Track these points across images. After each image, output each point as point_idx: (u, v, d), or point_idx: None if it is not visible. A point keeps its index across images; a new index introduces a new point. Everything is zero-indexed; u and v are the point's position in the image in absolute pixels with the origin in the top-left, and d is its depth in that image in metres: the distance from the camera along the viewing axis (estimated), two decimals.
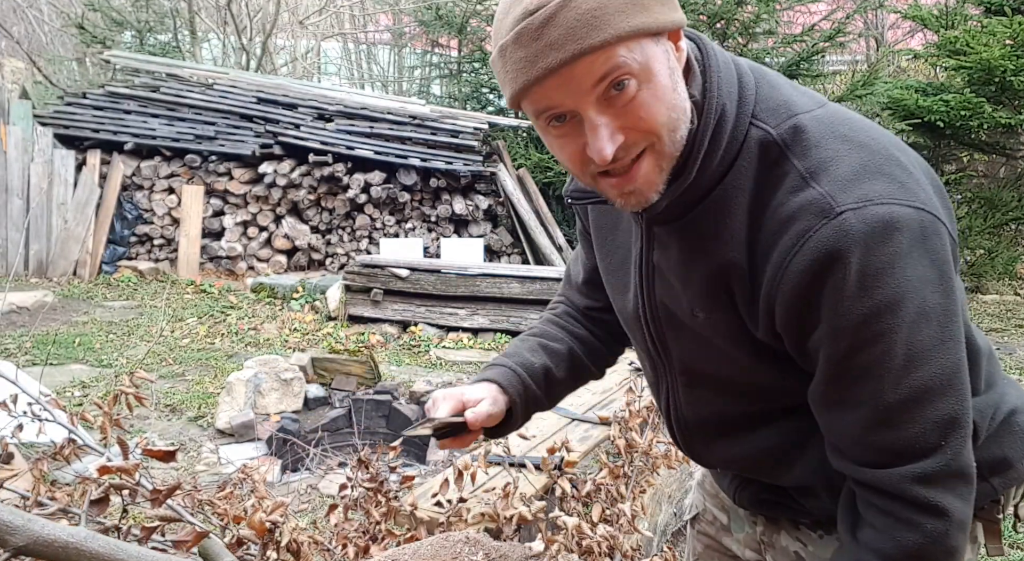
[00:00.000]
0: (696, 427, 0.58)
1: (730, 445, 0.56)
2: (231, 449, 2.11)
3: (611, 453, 1.31)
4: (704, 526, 0.69)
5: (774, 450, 0.54)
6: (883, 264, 0.42)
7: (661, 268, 0.52)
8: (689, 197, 0.47)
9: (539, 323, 0.69)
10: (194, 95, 4.72)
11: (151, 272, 4.50)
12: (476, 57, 5.89)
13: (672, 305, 0.53)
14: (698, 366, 0.54)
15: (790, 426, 0.53)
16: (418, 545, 0.73)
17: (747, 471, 0.58)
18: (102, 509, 0.84)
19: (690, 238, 0.49)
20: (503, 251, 4.94)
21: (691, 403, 0.57)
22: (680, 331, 0.53)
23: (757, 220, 0.46)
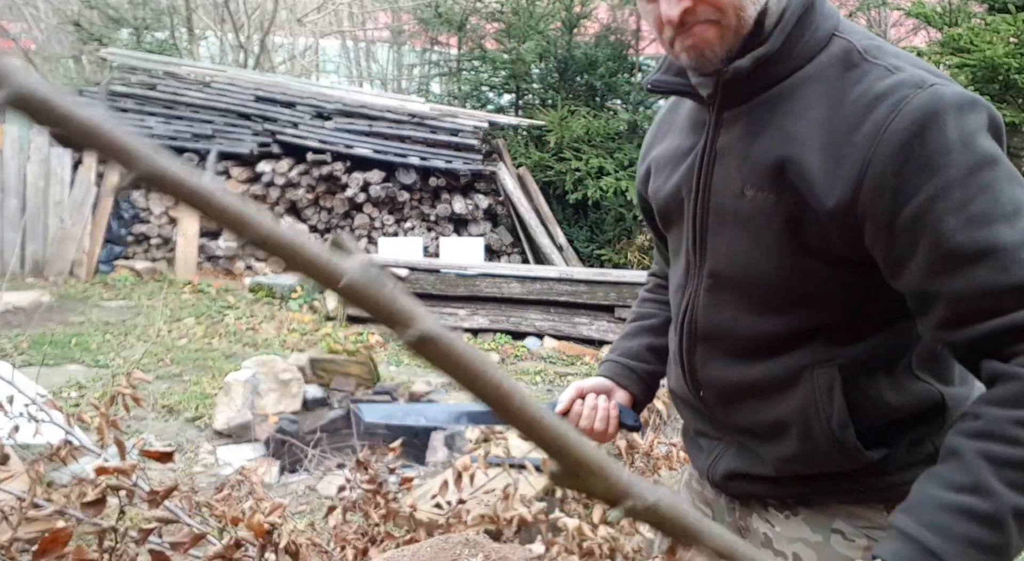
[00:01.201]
0: (704, 338, 0.58)
1: (730, 364, 0.57)
2: (229, 450, 2.10)
3: (612, 454, 1.31)
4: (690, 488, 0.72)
5: (771, 378, 0.55)
6: (976, 127, 0.47)
7: (723, 152, 0.55)
8: (771, 72, 0.51)
9: (636, 305, 0.77)
10: (191, 93, 4.69)
11: (148, 272, 4.48)
12: (476, 55, 5.87)
13: (723, 190, 0.55)
14: (729, 264, 0.55)
15: (795, 354, 0.54)
16: (417, 547, 0.72)
17: (734, 398, 0.58)
18: (99, 510, 0.83)
19: (761, 115, 0.52)
20: (503, 251, 4.93)
21: (708, 308, 0.57)
22: (723, 221, 0.55)
23: (837, 107, 0.49)
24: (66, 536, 0.78)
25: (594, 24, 6.03)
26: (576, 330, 3.48)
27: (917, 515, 0.47)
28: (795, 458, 0.56)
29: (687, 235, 0.58)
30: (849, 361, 0.53)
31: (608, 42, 5.77)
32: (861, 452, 0.54)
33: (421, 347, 0.27)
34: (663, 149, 0.62)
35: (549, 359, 3.31)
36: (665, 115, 0.66)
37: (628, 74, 5.68)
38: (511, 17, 5.56)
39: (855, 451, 0.54)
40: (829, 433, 0.53)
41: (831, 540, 0.57)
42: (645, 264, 5.03)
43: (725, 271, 0.56)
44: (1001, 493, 0.44)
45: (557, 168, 5.05)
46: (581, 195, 4.93)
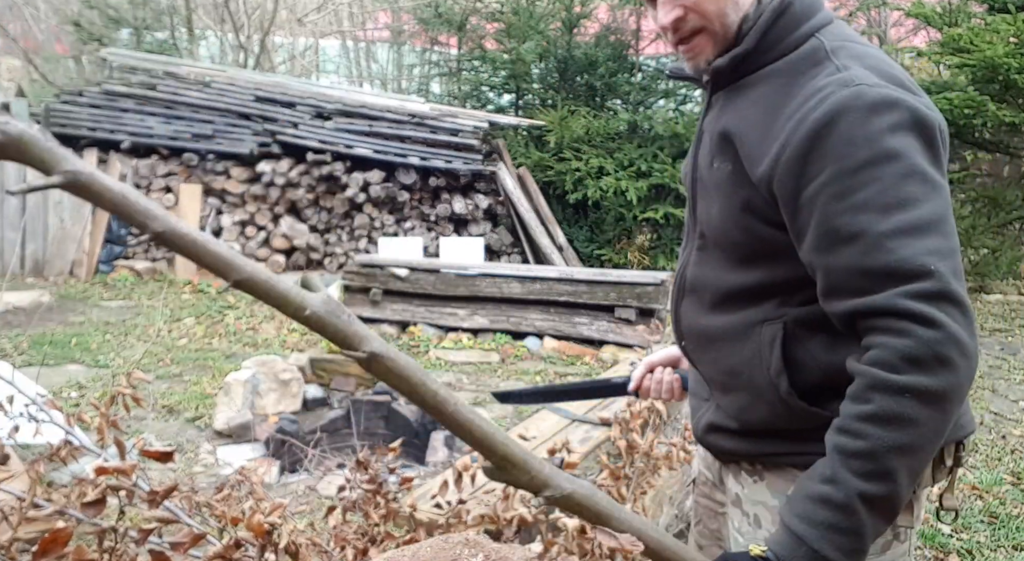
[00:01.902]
0: (689, 290, 0.67)
1: (702, 314, 0.65)
2: (229, 450, 2.10)
3: (612, 454, 1.31)
4: (701, 487, 0.77)
5: (729, 329, 0.62)
6: (888, 126, 0.52)
7: (705, 130, 0.65)
8: (745, 66, 0.60)
9: None
10: (191, 93, 4.69)
11: (148, 272, 4.48)
12: (476, 55, 5.87)
13: (703, 163, 0.65)
14: (709, 226, 0.64)
15: (751, 310, 0.61)
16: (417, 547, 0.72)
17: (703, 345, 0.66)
18: (99, 510, 0.83)
19: (730, 99, 0.62)
20: (503, 251, 4.93)
21: (696, 265, 0.66)
22: (705, 189, 0.64)
23: (787, 97, 0.57)
24: (66, 536, 0.78)
25: (594, 24, 6.03)
26: (576, 330, 3.48)
27: (791, 505, 0.54)
28: (747, 408, 0.62)
29: (689, 199, 0.69)
30: (793, 319, 0.60)
31: (608, 42, 5.77)
32: (795, 400, 0.59)
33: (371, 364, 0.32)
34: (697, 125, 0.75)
35: (549, 359, 3.31)
36: None
37: (628, 74, 5.68)
38: (511, 17, 5.55)
39: (791, 401, 0.59)
40: (768, 381, 0.60)
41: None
42: (645, 264, 5.03)
43: (708, 233, 0.64)
44: (848, 481, 0.51)
45: (557, 168, 5.05)
46: (581, 195, 4.93)
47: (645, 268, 4.90)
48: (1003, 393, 2.81)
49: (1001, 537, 1.64)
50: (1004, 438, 2.32)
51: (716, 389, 0.66)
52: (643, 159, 5.00)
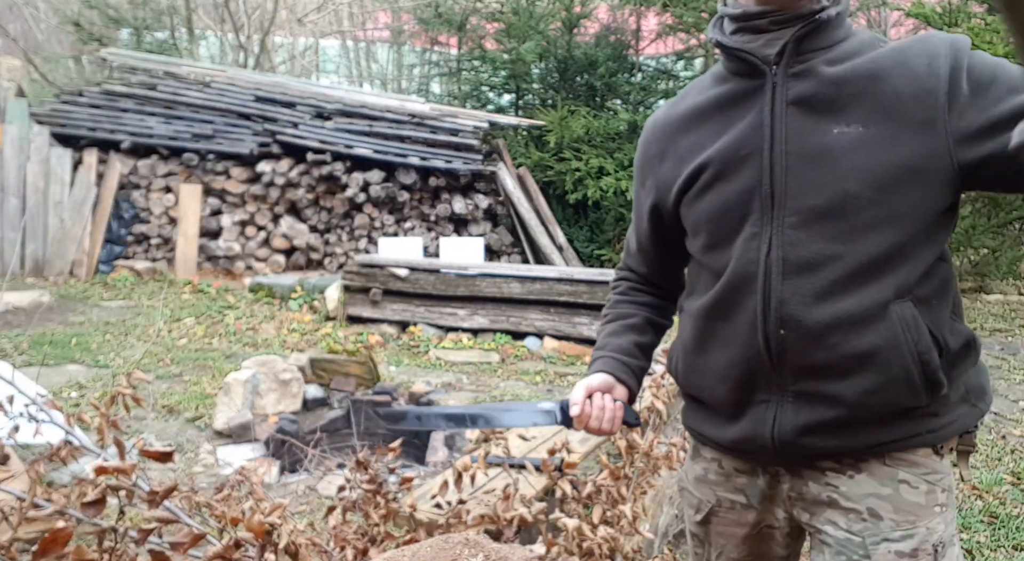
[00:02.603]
0: (794, 273, 0.61)
1: (821, 299, 0.60)
2: (229, 450, 2.10)
3: (612, 454, 1.31)
4: (724, 515, 0.71)
5: (861, 311, 0.60)
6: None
7: (801, 101, 0.62)
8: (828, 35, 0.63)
9: (610, 307, 0.80)
10: (191, 93, 4.69)
11: (148, 272, 4.48)
12: (476, 55, 5.87)
13: (810, 133, 0.61)
14: (821, 197, 0.60)
15: (878, 287, 0.60)
16: (417, 547, 0.72)
17: (823, 334, 0.61)
18: (99, 510, 0.83)
19: (836, 67, 0.62)
20: (503, 251, 4.93)
21: (796, 245, 0.61)
22: (813, 160, 0.61)
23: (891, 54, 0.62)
24: (66, 536, 0.78)
25: (594, 24, 6.03)
26: (576, 330, 3.48)
27: None
28: (874, 390, 0.60)
29: (764, 183, 0.63)
30: (918, 298, 0.60)
31: (608, 42, 5.77)
32: (939, 375, 0.59)
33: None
34: (690, 141, 0.68)
35: (549, 359, 3.31)
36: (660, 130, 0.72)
37: (628, 74, 5.68)
38: (511, 17, 5.55)
39: (936, 377, 0.59)
40: (914, 359, 0.59)
41: (900, 490, 0.62)
42: None
43: (818, 204, 0.60)
44: None
45: (557, 168, 5.05)
46: (581, 195, 4.93)
47: None
48: (1003, 393, 2.82)
49: (1001, 537, 1.64)
50: (1004, 438, 2.32)
51: (819, 380, 0.61)
52: None
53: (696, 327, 0.68)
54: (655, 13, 5.37)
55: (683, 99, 0.70)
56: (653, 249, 0.75)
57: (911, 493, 0.62)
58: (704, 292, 0.67)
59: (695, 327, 0.68)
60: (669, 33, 5.36)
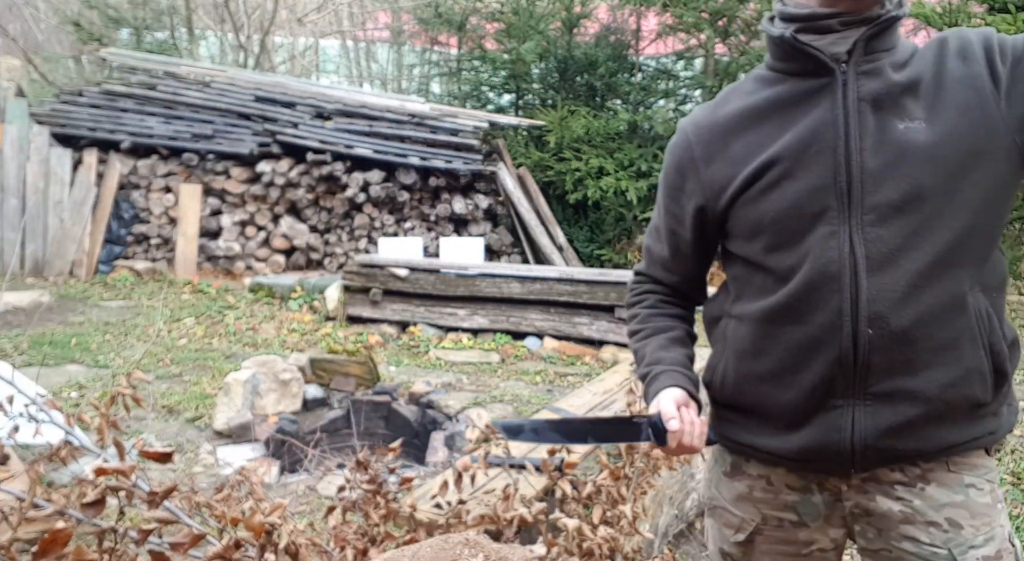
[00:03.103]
0: (878, 270, 0.60)
1: (907, 294, 0.60)
2: (229, 450, 2.10)
3: (612, 454, 1.31)
4: (770, 533, 0.69)
5: (942, 303, 0.60)
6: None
7: (875, 97, 0.62)
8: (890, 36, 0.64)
9: (643, 321, 0.77)
10: (191, 93, 4.69)
11: (148, 272, 4.48)
12: (476, 55, 5.87)
13: (888, 128, 0.62)
14: (901, 191, 0.60)
15: (955, 279, 0.60)
16: (417, 547, 0.72)
17: (907, 328, 0.60)
18: (98, 511, 0.83)
19: (903, 66, 0.63)
20: (503, 251, 4.93)
21: (878, 242, 0.61)
22: (893, 155, 0.61)
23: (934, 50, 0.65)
24: (66, 537, 0.78)
25: (594, 24, 6.02)
26: (576, 330, 3.48)
27: None
28: (951, 384, 0.60)
29: (839, 180, 0.62)
30: (985, 288, 0.62)
31: (608, 42, 5.77)
32: (1006, 365, 0.61)
33: None
34: (746, 142, 0.66)
35: (549, 359, 3.31)
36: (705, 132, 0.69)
37: (628, 74, 5.68)
38: (511, 17, 5.55)
39: (1004, 366, 0.61)
40: (987, 351, 0.60)
41: (970, 495, 0.63)
42: None
43: (894, 199, 0.60)
44: None
45: (557, 168, 5.05)
46: (581, 195, 4.93)
47: None
48: None
49: None
50: (1004, 438, 2.32)
51: (902, 376, 0.60)
52: (643, 159, 5.00)
53: (754, 332, 0.65)
54: (655, 13, 5.37)
55: (726, 102, 0.69)
56: (693, 256, 0.72)
57: (979, 495, 0.63)
58: (762, 295, 0.64)
59: (753, 332, 0.65)
60: (669, 33, 5.36)
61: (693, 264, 0.74)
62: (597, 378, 1.78)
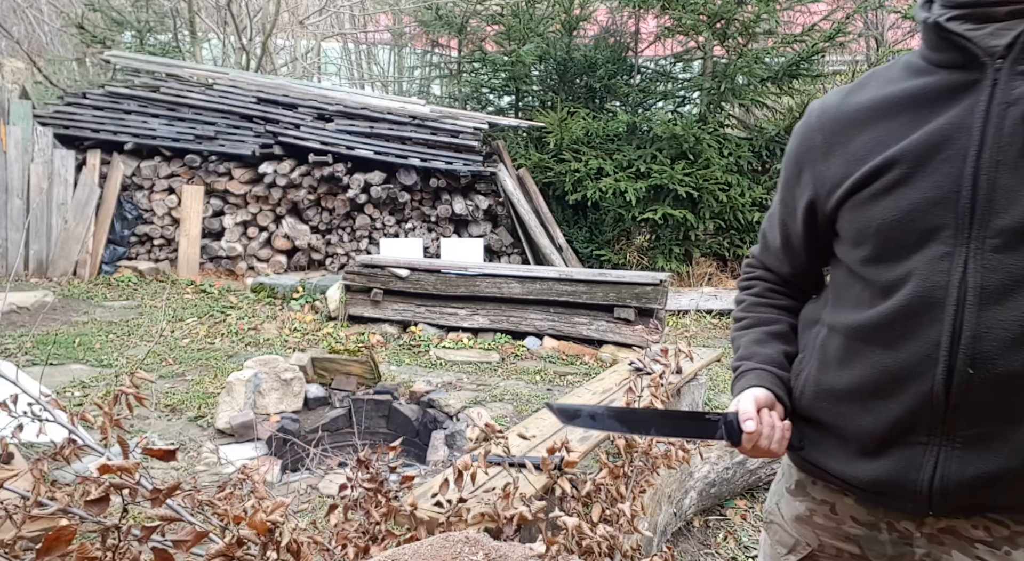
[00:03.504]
0: (995, 304, 0.52)
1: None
2: (231, 449, 2.11)
3: (611, 453, 1.31)
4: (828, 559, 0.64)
5: None
6: None
7: (1010, 101, 0.52)
8: None
9: (746, 309, 0.71)
10: (194, 95, 4.72)
11: (151, 272, 4.50)
12: (476, 57, 5.88)
13: (1010, 141, 0.52)
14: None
15: None
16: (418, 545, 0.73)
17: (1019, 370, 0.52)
18: (102, 508, 0.84)
19: None
20: (503, 251, 4.94)
21: (999, 272, 0.52)
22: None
23: None
24: (70, 534, 0.79)
25: (593, 26, 6.04)
26: (575, 330, 3.49)
27: None
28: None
29: (962, 195, 0.53)
30: None
31: (607, 44, 5.78)
32: None
33: None
34: (870, 138, 0.58)
35: (549, 359, 3.31)
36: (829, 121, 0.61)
37: (627, 76, 5.69)
38: (511, 19, 5.57)
39: None
40: None
41: None
42: (644, 264, 5.04)
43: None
44: None
45: (557, 169, 5.06)
46: (580, 196, 4.94)
47: (644, 268, 4.91)
48: None
49: None
50: None
51: (1000, 423, 0.53)
52: (642, 160, 5.00)
53: (845, 347, 0.59)
54: (654, 15, 5.38)
55: (862, 88, 0.60)
56: (803, 250, 0.66)
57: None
58: (859, 308, 0.58)
59: (841, 346, 0.59)
60: (668, 35, 5.37)
61: (804, 259, 0.67)
62: (596, 377, 1.79)
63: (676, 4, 4.92)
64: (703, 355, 2.07)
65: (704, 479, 1.74)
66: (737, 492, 1.89)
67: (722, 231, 5.12)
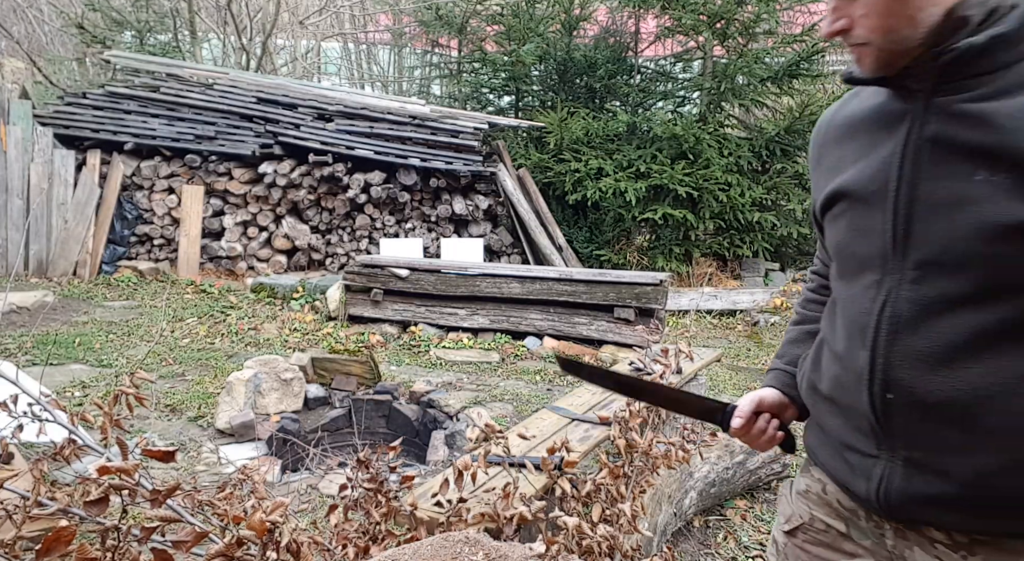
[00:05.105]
0: (910, 335, 0.53)
1: (941, 367, 0.52)
2: (231, 449, 2.11)
3: (611, 453, 1.31)
4: (814, 535, 0.67)
5: (990, 384, 0.51)
6: None
7: (940, 139, 0.53)
8: (1000, 57, 0.51)
9: (800, 304, 0.75)
10: (194, 95, 4.72)
11: (151, 272, 4.50)
12: (476, 57, 5.89)
13: (943, 177, 0.53)
14: (945, 252, 0.52)
15: (1012, 355, 0.51)
16: (418, 545, 0.72)
17: (938, 405, 0.53)
18: (102, 509, 0.84)
19: (993, 100, 0.51)
20: (503, 251, 4.94)
21: (916, 304, 0.53)
22: (941, 209, 0.52)
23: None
24: (69, 535, 0.79)
25: (593, 26, 6.04)
26: (575, 330, 3.49)
27: None
28: (997, 473, 0.52)
29: (886, 228, 0.55)
30: None
31: (607, 44, 5.78)
32: None
33: None
34: (836, 157, 0.60)
35: (548, 358, 3.31)
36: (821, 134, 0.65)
37: (627, 76, 5.69)
38: (511, 19, 5.57)
39: None
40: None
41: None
42: (644, 264, 5.04)
43: (940, 259, 0.52)
44: None
45: (557, 169, 5.06)
46: (580, 196, 4.94)
47: (644, 268, 4.91)
48: None
49: None
50: None
51: (932, 453, 0.54)
52: (642, 160, 5.00)
53: (820, 350, 0.63)
54: (654, 15, 5.38)
55: (852, 98, 0.63)
56: (826, 251, 0.68)
57: None
58: (830, 317, 0.62)
59: (819, 350, 0.63)
60: (668, 35, 5.37)
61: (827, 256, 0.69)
62: None
63: (676, 4, 4.92)
64: (703, 355, 2.07)
65: (704, 479, 1.74)
66: (737, 492, 1.89)
67: (722, 231, 5.12)
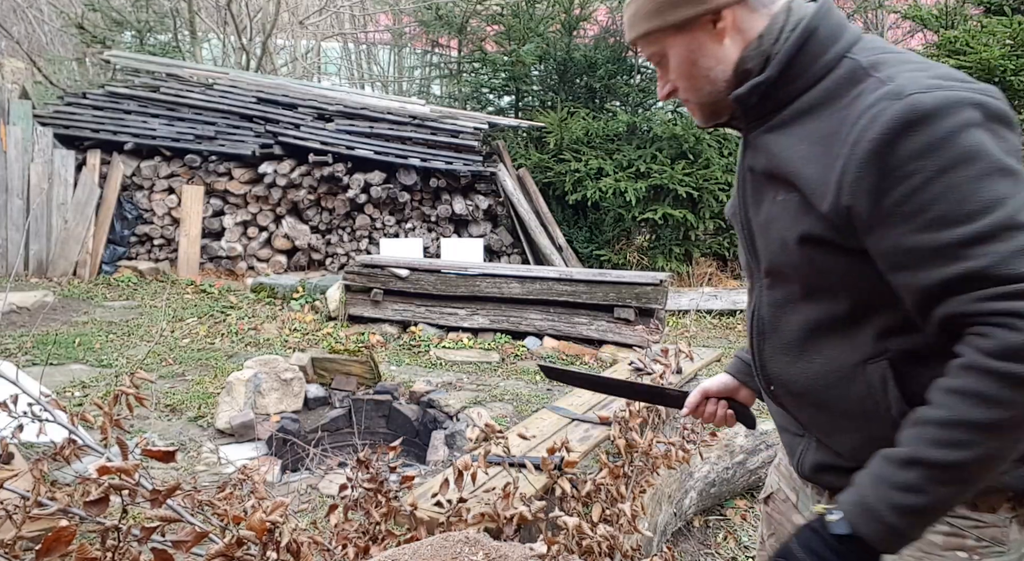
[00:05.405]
0: (769, 333, 0.64)
1: (793, 360, 0.62)
2: (231, 449, 2.11)
3: (611, 453, 1.31)
4: (777, 504, 0.76)
5: (827, 374, 0.60)
6: (955, 128, 0.50)
7: (754, 167, 0.63)
8: (775, 97, 0.60)
9: None
10: (194, 95, 4.72)
11: (151, 272, 4.50)
12: (476, 57, 5.89)
13: (761, 199, 0.63)
14: (775, 262, 0.62)
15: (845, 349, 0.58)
16: (418, 545, 0.73)
17: (800, 392, 0.62)
18: (102, 509, 0.84)
19: (775, 136, 0.60)
20: (503, 251, 4.94)
21: (770, 306, 0.64)
22: (765, 226, 0.62)
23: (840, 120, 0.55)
24: (69, 535, 0.79)
25: (593, 26, 6.04)
26: (575, 330, 3.49)
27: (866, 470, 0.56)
28: (862, 448, 0.58)
29: (746, 245, 0.66)
30: (899, 353, 0.56)
31: (607, 44, 5.78)
32: None
33: None
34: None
35: (548, 358, 3.32)
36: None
37: (627, 76, 5.69)
38: (511, 19, 5.57)
39: None
40: (890, 422, 0.56)
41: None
42: (644, 264, 5.04)
43: (775, 269, 0.62)
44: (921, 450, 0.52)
45: (556, 169, 5.06)
46: (580, 196, 4.94)
47: (644, 268, 4.91)
48: None
49: None
50: None
51: (818, 431, 0.64)
52: (642, 160, 5.01)
53: None
54: None
55: None
56: None
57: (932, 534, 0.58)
58: None
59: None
60: None
61: None
62: None
63: None
64: (703, 355, 2.07)
65: (704, 479, 1.74)
66: (737, 492, 1.89)
67: (722, 231, 5.12)
